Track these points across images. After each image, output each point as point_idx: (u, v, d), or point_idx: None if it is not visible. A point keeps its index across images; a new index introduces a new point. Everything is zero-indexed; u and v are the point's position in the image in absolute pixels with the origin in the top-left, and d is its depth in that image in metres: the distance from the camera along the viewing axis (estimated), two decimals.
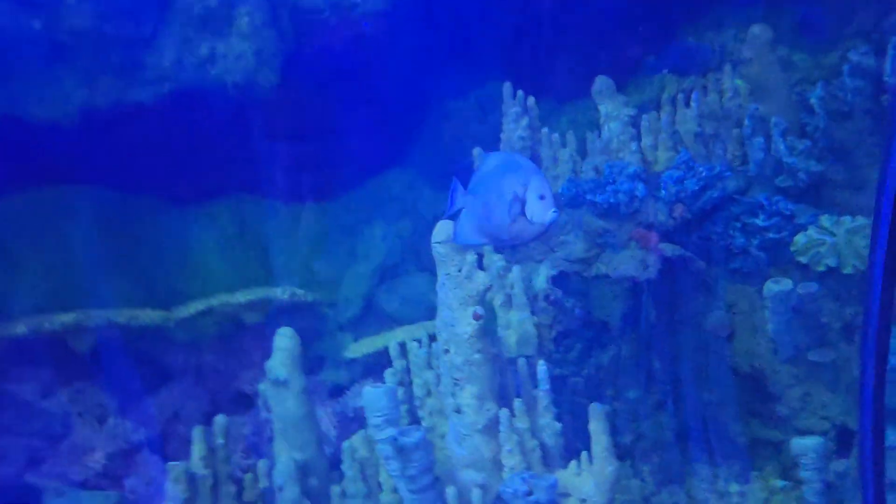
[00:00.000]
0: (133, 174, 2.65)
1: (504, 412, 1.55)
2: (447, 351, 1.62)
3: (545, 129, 2.30)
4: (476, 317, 1.59)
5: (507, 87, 2.36)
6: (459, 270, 1.62)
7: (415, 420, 1.89)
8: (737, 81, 2.39)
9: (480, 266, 1.77)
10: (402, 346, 1.98)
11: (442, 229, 1.66)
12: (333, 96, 2.86)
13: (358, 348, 2.57)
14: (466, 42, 3.14)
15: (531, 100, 2.38)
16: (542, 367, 1.63)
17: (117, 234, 2.70)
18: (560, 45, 2.93)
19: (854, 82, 1.96)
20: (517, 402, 1.57)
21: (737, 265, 1.96)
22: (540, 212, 1.42)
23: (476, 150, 2.29)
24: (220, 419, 1.82)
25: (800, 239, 1.88)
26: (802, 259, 1.86)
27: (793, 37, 2.55)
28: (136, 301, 2.59)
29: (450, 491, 1.55)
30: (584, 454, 1.56)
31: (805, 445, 1.69)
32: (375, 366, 2.57)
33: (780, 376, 1.90)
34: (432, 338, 2.02)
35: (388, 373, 1.95)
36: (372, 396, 1.65)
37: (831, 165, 2.05)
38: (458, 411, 1.59)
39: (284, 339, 1.96)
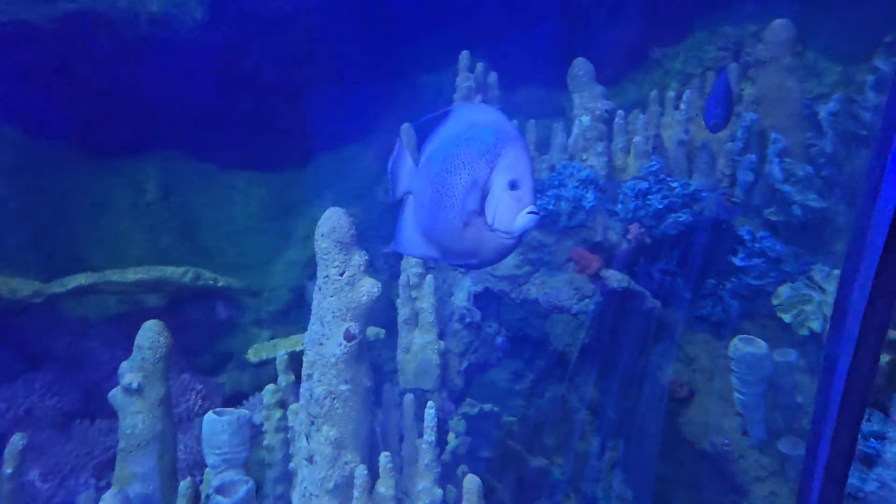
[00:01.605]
0: (31, 111, 2.29)
1: (362, 470, 1.17)
2: (310, 377, 1.25)
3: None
4: (348, 336, 1.22)
5: (464, 55, 1.97)
6: (341, 274, 1.26)
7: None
8: (743, 85, 1.99)
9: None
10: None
11: (330, 217, 1.29)
12: (284, 46, 2.49)
13: (263, 350, 2.19)
14: (456, 13, 2.76)
15: (493, 76, 2.00)
16: (429, 411, 1.26)
17: (8, 182, 2.35)
18: (564, 31, 2.54)
19: (879, 98, 1.55)
20: (383, 458, 1.20)
21: (703, 311, 1.57)
22: (507, 212, 0.92)
23: (406, 127, 1.80)
24: (16, 440, 1.35)
25: (784, 291, 1.50)
26: (785, 317, 1.48)
27: (826, 41, 2.13)
28: (20, 267, 2.23)
29: None
30: None
31: None
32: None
33: (747, 464, 1.50)
34: None
35: (267, 391, 1.57)
36: (211, 428, 1.29)
37: (836, 202, 1.63)
38: (310, 460, 1.22)
39: (148, 335, 1.55)
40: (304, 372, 1.27)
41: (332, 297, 1.25)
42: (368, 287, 1.25)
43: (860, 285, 0.32)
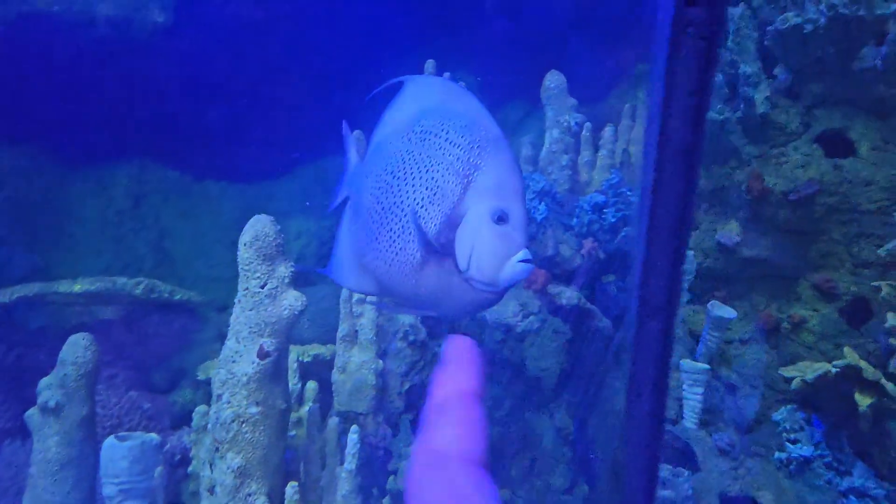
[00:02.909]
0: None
1: (263, 502, 1.05)
2: (219, 398, 1.14)
3: None
4: (261, 353, 1.11)
5: (429, 64, 1.89)
6: (262, 287, 1.15)
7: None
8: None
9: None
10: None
11: (253, 225, 1.19)
12: (257, 54, 2.43)
13: (214, 367, 2.06)
14: (444, 26, 2.70)
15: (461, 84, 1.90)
16: (352, 436, 1.14)
17: None
18: (552, 48, 2.48)
19: None
20: (289, 489, 1.07)
21: None
22: (490, 255, 0.67)
23: (356, 134, 1.67)
24: None
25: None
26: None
27: None
28: None
29: None
30: None
31: None
32: None
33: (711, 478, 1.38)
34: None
35: (197, 412, 1.45)
36: (108, 454, 1.18)
37: None
38: (211, 491, 1.10)
39: (72, 350, 1.43)
40: (213, 393, 1.16)
41: (250, 311, 1.14)
42: (291, 301, 1.14)
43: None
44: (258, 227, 1.17)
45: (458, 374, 0.30)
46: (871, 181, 1.40)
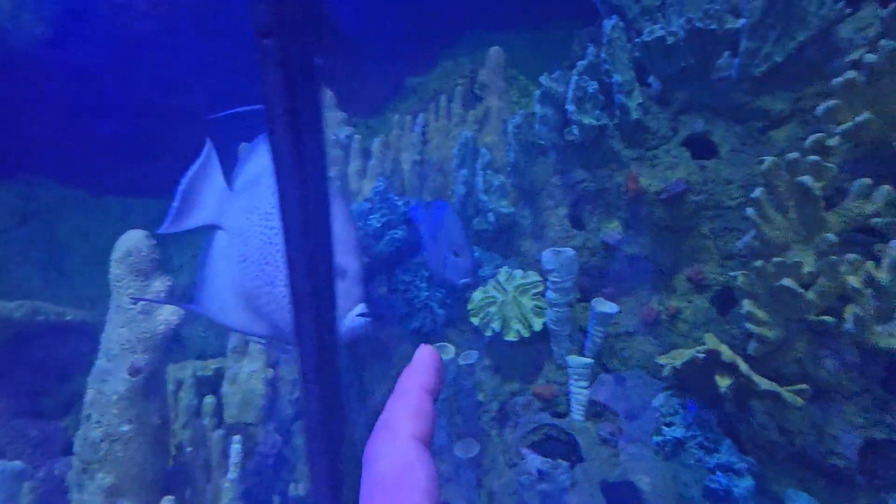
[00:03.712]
0: None
1: None
2: (88, 418, 1.09)
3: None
4: (133, 370, 1.08)
5: None
6: (135, 303, 1.12)
7: None
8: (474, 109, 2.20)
9: None
10: None
11: (126, 241, 1.16)
12: (153, 68, 2.36)
13: None
14: None
15: None
16: (235, 446, 1.12)
17: None
18: (328, 64, 2.57)
19: (543, 110, 1.65)
20: (164, 502, 1.04)
21: (416, 324, 1.57)
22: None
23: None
24: None
25: (476, 295, 1.53)
26: (475, 320, 1.51)
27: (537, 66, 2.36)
28: None
29: None
30: None
31: None
32: None
33: None
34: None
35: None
36: None
37: (522, 207, 1.75)
38: None
39: None
40: (83, 413, 1.11)
41: (122, 327, 1.11)
42: (167, 315, 1.11)
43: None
44: (131, 243, 1.15)
45: (422, 373, 0.37)
46: (731, 180, 1.52)
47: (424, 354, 0.38)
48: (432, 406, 0.36)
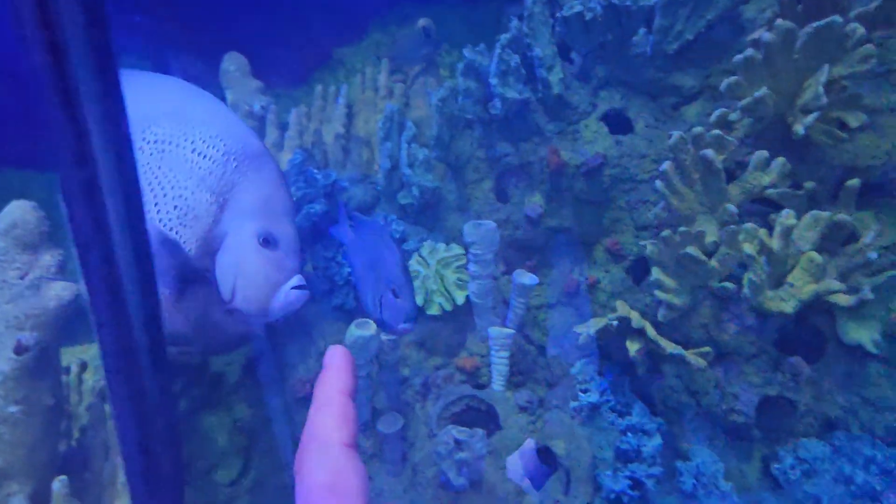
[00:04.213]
0: None
1: (20, 500, 0.98)
2: None
3: None
4: (20, 349, 1.03)
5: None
6: (22, 277, 1.06)
7: None
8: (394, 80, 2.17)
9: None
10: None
11: (11, 212, 1.09)
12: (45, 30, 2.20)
13: None
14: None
15: None
16: None
17: None
18: (243, 33, 2.46)
19: (466, 83, 1.64)
20: (56, 483, 1.01)
21: (337, 301, 1.56)
22: (259, 283, 0.60)
23: None
24: None
25: None
26: None
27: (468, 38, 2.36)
28: None
29: None
30: None
31: None
32: None
33: None
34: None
35: None
36: None
37: (448, 181, 1.74)
38: None
39: None
40: None
41: (7, 304, 1.05)
42: (59, 290, 1.06)
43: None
44: (16, 214, 1.08)
45: (339, 378, 0.37)
46: (645, 154, 1.57)
47: (336, 356, 0.38)
48: (353, 407, 0.37)
